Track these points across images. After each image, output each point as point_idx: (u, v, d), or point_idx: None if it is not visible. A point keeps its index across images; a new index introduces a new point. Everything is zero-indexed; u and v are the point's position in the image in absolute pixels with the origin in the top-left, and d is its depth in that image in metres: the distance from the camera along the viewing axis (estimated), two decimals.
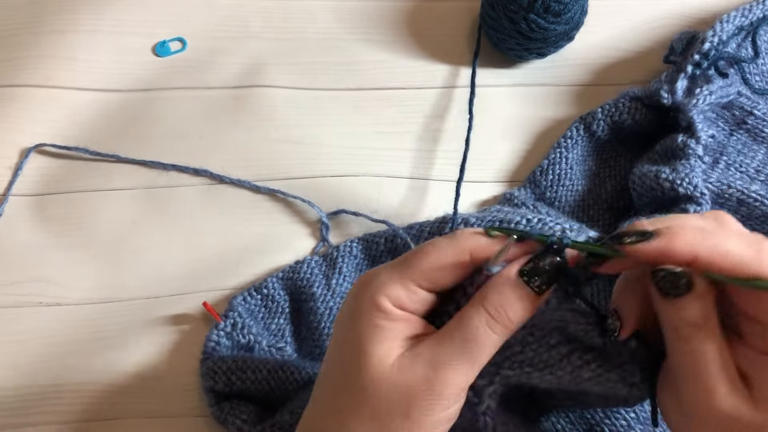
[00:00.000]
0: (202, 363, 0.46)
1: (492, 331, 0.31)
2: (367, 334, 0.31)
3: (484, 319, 0.31)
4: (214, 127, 0.57)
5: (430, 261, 0.32)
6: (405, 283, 0.32)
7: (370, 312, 0.31)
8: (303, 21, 0.61)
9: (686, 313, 0.29)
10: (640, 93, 0.53)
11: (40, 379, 0.48)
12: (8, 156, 0.55)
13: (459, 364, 0.30)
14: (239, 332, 0.47)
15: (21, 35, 0.59)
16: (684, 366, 0.30)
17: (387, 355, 0.31)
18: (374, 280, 0.32)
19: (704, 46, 0.52)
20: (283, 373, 0.44)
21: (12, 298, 0.50)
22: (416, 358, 0.31)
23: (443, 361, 0.30)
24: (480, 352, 0.31)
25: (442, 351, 0.31)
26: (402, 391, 0.30)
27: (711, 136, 0.50)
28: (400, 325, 0.31)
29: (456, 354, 0.30)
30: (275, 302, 0.49)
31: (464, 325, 0.31)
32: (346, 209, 0.53)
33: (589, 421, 0.42)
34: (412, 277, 0.32)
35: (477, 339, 0.30)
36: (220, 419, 0.44)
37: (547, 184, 0.53)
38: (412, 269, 0.32)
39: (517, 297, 0.31)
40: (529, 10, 0.53)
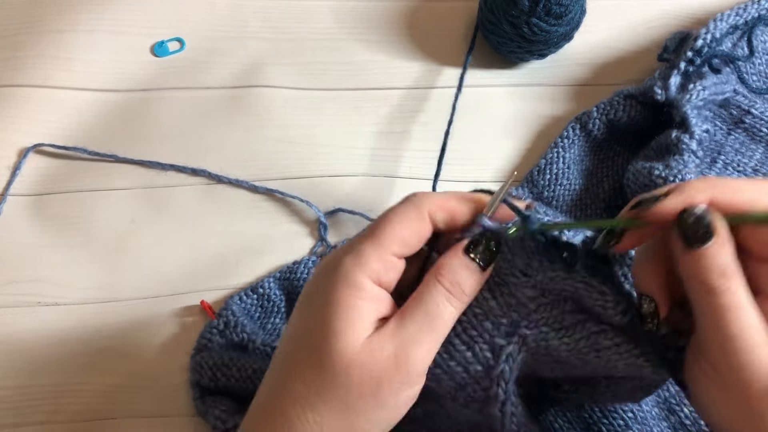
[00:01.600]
0: (192, 357, 0.47)
1: (450, 304, 0.32)
2: (340, 314, 0.31)
3: (442, 293, 0.31)
4: (212, 127, 0.57)
5: (399, 227, 0.32)
6: (382, 254, 0.32)
7: (345, 289, 0.31)
8: (301, 21, 0.61)
9: (714, 262, 0.29)
10: (634, 91, 0.53)
11: (38, 379, 0.48)
12: (7, 156, 0.55)
13: (424, 341, 0.31)
14: (232, 331, 0.47)
15: (20, 35, 0.59)
16: (717, 326, 0.29)
17: (358, 337, 0.31)
18: (346, 257, 0.32)
19: (697, 43, 0.52)
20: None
21: (10, 297, 0.50)
22: (383, 339, 0.31)
23: (409, 340, 0.31)
24: (442, 326, 0.31)
25: (407, 329, 0.31)
26: (372, 373, 0.30)
27: (705, 131, 0.50)
28: (373, 304, 0.31)
29: (420, 331, 0.31)
30: (271, 302, 0.49)
31: (424, 302, 0.31)
32: (344, 208, 0.53)
33: (587, 421, 0.42)
34: (388, 247, 0.32)
35: (438, 314, 0.31)
36: (202, 412, 0.45)
37: (544, 183, 0.53)
38: (385, 238, 0.32)
39: (468, 272, 0.32)
40: (530, 14, 0.53)
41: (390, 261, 0.32)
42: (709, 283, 0.29)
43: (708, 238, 0.29)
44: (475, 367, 0.32)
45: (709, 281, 0.29)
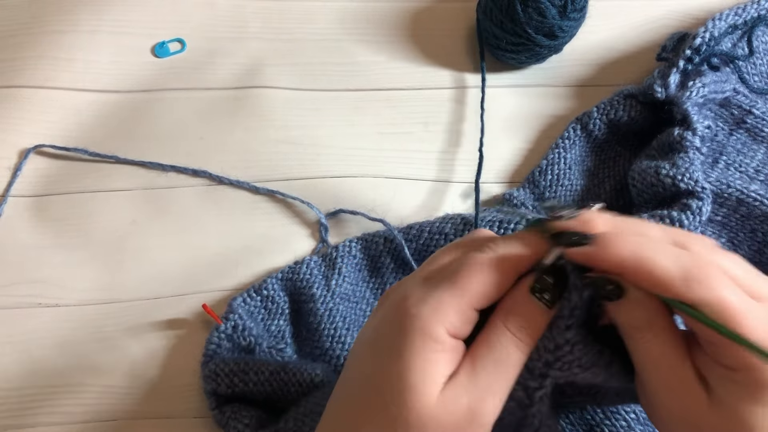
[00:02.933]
0: (204, 366, 0.46)
1: (519, 350, 0.30)
2: (417, 366, 0.29)
3: (510, 340, 0.30)
4: (213, 128, 0.57)
5: (482, 280, 0.30)
6: (460, 308, 0.30)
7: (422, 343, 0.30)
8: (302, 22, 0.61)
9: (626, 317, 0.30)
10: (634, 90, 0.53)
11: (39, 381, 0.48)
12: (7, 157, 0.55)
13: (496, 391, 0.30)
14: (240, 334, 0.46)
15: (20, 36, 0.59)
16: (638, 367, 0.30)
17: (434, 392, 0.29)
18: (423, 304, 0.30)
19: (695, 42, 0.52)
20: (285, 374, 0.44)
21: (11, 299, 0.50)
22: (458, 392, 0.30)
23: (483, 390, 0.30)
24: (512, 373, 0.30)
25: (480, 379, 0.30)
26: (448, 426, 0.29)
27: (707, 127, 0.50)
28: (450, 356, 0.30)
29: (492, 381, 0.30)
30: (275, 303, 0.49)
31: (493, 349, 0.30)
32: (345, 209, 0.53)
33: (589, 422, 0.42)
34: (468, 301, 0.30)
35: (508, 361, 0.30)
36: (221, 423, 0.44)
37: (546, 184, 0.53)
38: (466, 291, 0.30)
39: (535, 313, 0.31)
40: (537, 31, 0.54)
41: (468, 314, 0.31)
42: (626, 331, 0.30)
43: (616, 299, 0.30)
44: (510, 404, 0.31)
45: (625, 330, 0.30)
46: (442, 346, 0.30)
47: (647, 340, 0.30)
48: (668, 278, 0.28)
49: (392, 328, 0.31)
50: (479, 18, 0.58)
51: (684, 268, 0.28)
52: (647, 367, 0.30)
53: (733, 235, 0.50)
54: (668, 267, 0.28)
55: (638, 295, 0.29)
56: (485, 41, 0.58)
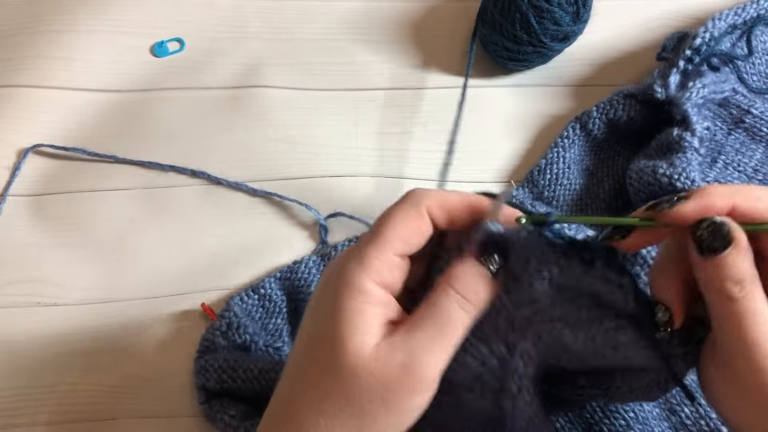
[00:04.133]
0: (196, 361, 0.46)
1: (464, 311, 0.31)
2: (346, 320, 0.30)
3: (455, 300, 0.31)
4: (212, 128, 0.57)
5: (399, 226, 0.32)
6: (384, 255, 0.31)
7: (349, 295, 0.31)
8: (301, 22, 0.61)
9: (731, 270, 0.29)
10: (633, 90, 0.53)
11: (38, 380, 0.48)
12: (6, 156, 0.55)
13: (435, 349, 0.30)
14: (235, 332, 0.47)
15: (19, 35, 0.59)
16: (735, 332, 0.29)
17: (364, 344, 0.30)
18: (349, 261, 0.31)
19: (695, 42, 0.52)
20: (274, 373, 0.44)
21: (10, 298, 0.50)
22: (393, 346, 0.30)
23: (419, 347, 0.30)
24: (453, 333, 0.31)
25: (418, 337, 0.31)
26: (381, 380, 0.30)
27: (706, 128, 0.50)
28: (378, 309, 0.31)
29: (431, 338, 0.31)
30: (272, 302, 0.49)
31: (436, 308, 0.31)
32: (344, 212, 0.53)
33: (588, 421, 0.42)
34: (389, 247, 0.31)
35: (450, 321, 0.31)
36: (210, 416, 0.45)
37: (544, 183, 0.53)
38: (385, 238, 0.31)
39: (480, 278, 0.31)
40: (552, 38, 0.54)
41: (393, 260, 0.32)
42: (726, 290, 0.29)
43: (725, 247, 0.29)
44: (491, 361, 0.32)
45: (726, 289, 0.29)
46: (370, 297, 0.31)
47: (751, 296, 0.29)
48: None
49: (325, 288, 0.32)
50: (481, 31, 0.58)
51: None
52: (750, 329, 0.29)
53: None
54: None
55: (745, 241, 0.29)
56: (490, 52, 0.58)
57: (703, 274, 0.29)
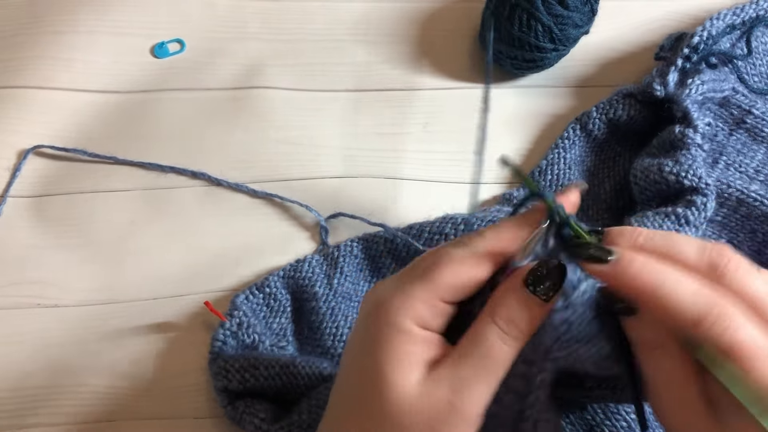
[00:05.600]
0: (212, 363, 0.45)
1: (506, 344, 0.30)
2: (388, 360, 0.30)
3: (496, 334, 0.30)
4: (212, 129, 0.57)
5: (452, 274, 0.31)
6: (429, 300, 0.30)
7: (390, 335, 0.30)
8: (301, 22, 0.61)
9: (637, 333, 0.30)
10: (633, 89, 0.53)
11: (39, 381, 0.48)
12: (6, 157, 0.55)
13: (479, 384, 0.30)
14: (244, 331, 0.46)
15: (19, 36, 0.59)
16: (647, 379, 0.30)
17: (409, 383, 0.30)
18: (393, 299, 0.31)
19: (693, 40, 0.52)
20: (294, 368, 0.43)
21: (10, 299, 0.50)
22: (437, 383, 0.30)
23: (464, 383, 0.30)
24: (497, 367, 0.30)
25: (461, 372, 0.30)
26: (426, 418, 0.29)
27: (708, 124, 0.50)
28: (422, 348, 0.30)
29: (474, 374, 0.30)
30: (277, 301, 0.49)
31: (478, 343, 0.30)
32: (344, 212, 0.53)
33: (590, 422, 0.42)
34: (436, 293, 0.30)
35: (492, 355, 0.30)
36: (235, 419, 0.44)
37: (545, 184, 0.53)
38: (434, 284, 0.30)
39: (525, 307, 0.30)
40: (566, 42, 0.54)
41: (439, 307, 0.31)
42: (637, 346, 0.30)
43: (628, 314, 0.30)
44: (508, 396, 0.31)
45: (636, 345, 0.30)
46: (412, 338, 0.30)
47: (657, 356, 0.29)
48: (681, 317, 0.27)
49: (367, 325, 0.31)
50: (498, 49, 0.56)
51: (700, 308, 0.27)
52: (655, 381, 0.30)
53: (733, 235, 0.50)
54: (684, 304, 0.27)
55: (650, 318, 0.29)
56: (505, 66, 0.58)
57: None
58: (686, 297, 0.27)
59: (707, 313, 0.27)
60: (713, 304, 0.27)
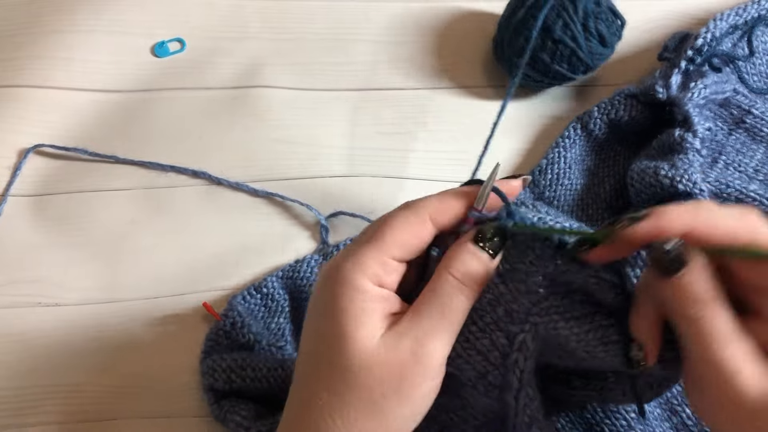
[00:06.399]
0: (202, 362, 0.46)
1: (462, 294, 0.32)
2: (349, 318, 0.31)
3: (454, 285, 0.32)
4: (213, 128, 0.57)
5: (399, 231, 0.32)
6: (380, 258, 0.32)
7: (349, 294, 0.32)
8: (302, 21, 0.61)
9: (689, 289, 0.28)
10: (635, 90, 0.53)
11: (39, 380, 0.48)
12: (7, 156, 0.55)
13: (440, 333, 0.32)
14: (239, 331, 0.47)
15: (19, 35, 0.59)
16: (701, 353, 0.29)
17: (371, 336, 0.31)
18: (345, 262, 0.32)
19: (697, 42, 0.52)
20: (282, 371, 0.44)
21: (10, 298, 0.50)
22: (400, 335, 0.31)
23: (426, 333, 0.31)
24: (455, 317, 0.32)
25: (423, 323, 0.32)
26: (393, 369, 0.31)
27: (708, 129, 0.50)
28: (379, 304, 0.32)
29: (435, 324, 0.32)
30: (275, 301, 0.49)
31: (437, 295, 0.32)
32: (344, 211, 0.53)
33: (589, 421, 0.42)
34: (387, 251, 0.32)
35: (451, 306, 0.32)
36: (219, 417, 0.44)
37: (545, 183, 0.53)
38: (385, 242, 0.32)
39: (478, 261, 0.32)
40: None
41: (390, 264, 0.32)
42: (684, 311, 0.29)
43: (679, 269, 0.28)
44: (494, 353, 0.32)
45: (684, 310, 0.29)
46: (368, 295, 0.32)
47: (711, 315, 0.28)
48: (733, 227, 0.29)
49: (324, 289, 0.33)
50: (528, 75, 0.56)
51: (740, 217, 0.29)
52: (712, 349, 0.28)
53: None
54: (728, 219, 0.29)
55: (701, 261, 0.28)
56: (529, 85, 0.58)
57: (664, 297, 0.30)
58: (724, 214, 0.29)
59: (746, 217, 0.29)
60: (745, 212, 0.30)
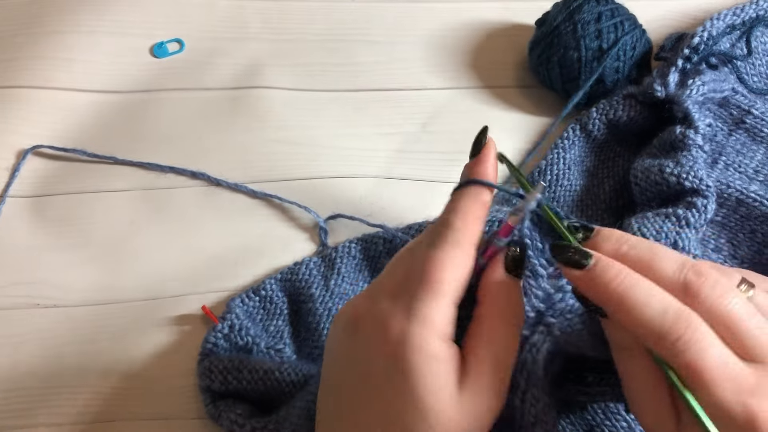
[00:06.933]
0: (200, 363, 0.46)
1: (513, 333, 0.31)
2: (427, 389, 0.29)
3: (505, 329, 0.31)
4: (212, 129, 0.57)
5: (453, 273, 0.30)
6: (443, 309, 0.30)
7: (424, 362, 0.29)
8: (302, 22, 0.61)
9: (609, 332, 0.31)
10: (633, 90, 0.53)
11: (38, 381, 0.48)
12: (6, 157, 0.55)
13: (505, 378, 0.31)
14: (237, 334, 0.47)
15: (19, 36, 0.59)
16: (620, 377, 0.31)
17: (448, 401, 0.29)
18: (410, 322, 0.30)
19: (694, 41, 0.52)
20: (279, 374, 0.44)
21: (9, 299, 0.50)
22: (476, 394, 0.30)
23: (495, 385, 0.31)
24: (513, 354, 0.32)
25: (491, 377, 0.30)
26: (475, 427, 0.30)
27: (708, 125, 0.50)
28: (452, 363, 0.30)
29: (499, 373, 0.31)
30: (273, 304, 0.49)
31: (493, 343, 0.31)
32: (343, 213, 0.53)
33: (590, 422, 0.42)
34: (449, 299, 0.30)
35: (508, 347, 0.31)
36: (214, 416, 0.44)
37: (545, 184, 0.53)
38: (443, 292, 0.30)
39: (515, 291, 0.32)
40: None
41: (452, 311, 0.31)
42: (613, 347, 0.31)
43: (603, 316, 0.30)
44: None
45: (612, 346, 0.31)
46: (443, 356, 0.30)
47: (628, 358, 0.30)
48: (646, 330, 0.27)
49: (386, 361, 0.30)
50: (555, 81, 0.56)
51: (666, 325, 0.27)
52: (625, 381, 0.31)
53: (733, 235, 0.50)
54: (651, 319, 0.27)
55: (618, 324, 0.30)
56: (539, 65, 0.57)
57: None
58: (655, 311, 0.27)
59: (671, 329, 0.27)
60: (683, 321, 0.27)
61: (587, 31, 0.53)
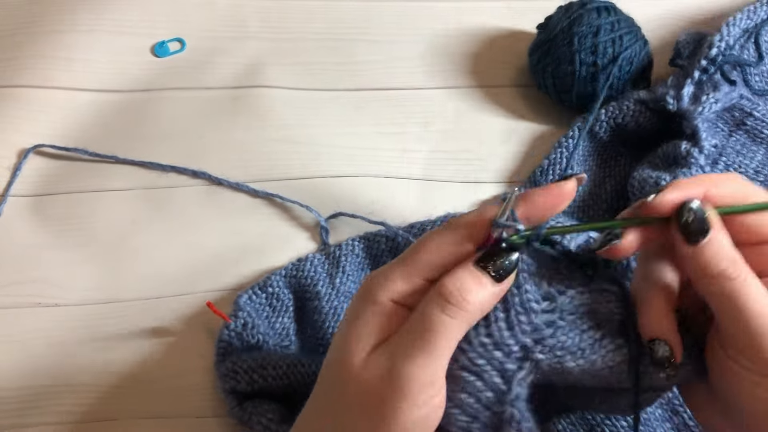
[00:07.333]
0: (219, 365, 0.45)
1: (447, 315, 0.29)
2: (354, 329, 0.31)
3: (439, 304, 0.30)
4: (213, 128, 0.57)
5: (432, 253, 0.31)
6: (409, 278, 0.31)
7: (364, 307, 0.31)
8: (302, 21, 0.61)
9: (723, 250, 0.30)
10: (645, 96, 0.52)
11: (39, 380, 0.48)
12: (7, 156, 0.55)
13: (417, 356, 0.29)
14: (249, 332, 0.46)
15: (20, 35, 0.59)
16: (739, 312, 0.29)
17: (361, 352, 0.30)
18: (377, 275, 0.32)
19: (712, 52, 0.51)
20: (302, 367, 0.43)
21: (10, 298, 0.50)
22: (381, 355, 0.30)
23: (401, 354, 0.29)
24: (437, 340, 0.29)
25: (401, 343, 0.30)
26: (370, 390, 0.29)
27: (714, 145, 0.50)
28: (385, 320, 0.31)
29: (413, 345, 0.29)
30: (280, 301, 0.49)
31: (420, 314, 0.30)
32: (345, 212, 0.53)
33: (590, 422, 0.42)
34: (417, 271, 0.31)
35: (433, 327, 0.29)
36: (243, 419, 0.43)
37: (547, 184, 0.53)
38: (415, 262, 0.31)
39: (475, 281, 0.30)
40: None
41: (419, 284, 0.31)
42: (722, 271, 0.29)
43: (707, 230, 0.30)
44: (486, 394, 0.31)
45: (721, 270, 0.29)
46: (380, 308, 0.31)
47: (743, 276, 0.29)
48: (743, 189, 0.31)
49: (352, 302, 0.33)
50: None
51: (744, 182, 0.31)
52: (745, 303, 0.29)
53: None
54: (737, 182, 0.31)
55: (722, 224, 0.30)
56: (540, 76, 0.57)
57: (696, 265, 0.30)
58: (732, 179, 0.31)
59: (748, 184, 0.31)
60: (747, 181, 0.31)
61: (583, 45, 0.52)
